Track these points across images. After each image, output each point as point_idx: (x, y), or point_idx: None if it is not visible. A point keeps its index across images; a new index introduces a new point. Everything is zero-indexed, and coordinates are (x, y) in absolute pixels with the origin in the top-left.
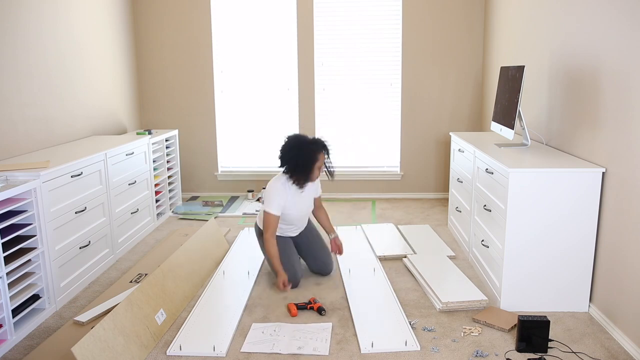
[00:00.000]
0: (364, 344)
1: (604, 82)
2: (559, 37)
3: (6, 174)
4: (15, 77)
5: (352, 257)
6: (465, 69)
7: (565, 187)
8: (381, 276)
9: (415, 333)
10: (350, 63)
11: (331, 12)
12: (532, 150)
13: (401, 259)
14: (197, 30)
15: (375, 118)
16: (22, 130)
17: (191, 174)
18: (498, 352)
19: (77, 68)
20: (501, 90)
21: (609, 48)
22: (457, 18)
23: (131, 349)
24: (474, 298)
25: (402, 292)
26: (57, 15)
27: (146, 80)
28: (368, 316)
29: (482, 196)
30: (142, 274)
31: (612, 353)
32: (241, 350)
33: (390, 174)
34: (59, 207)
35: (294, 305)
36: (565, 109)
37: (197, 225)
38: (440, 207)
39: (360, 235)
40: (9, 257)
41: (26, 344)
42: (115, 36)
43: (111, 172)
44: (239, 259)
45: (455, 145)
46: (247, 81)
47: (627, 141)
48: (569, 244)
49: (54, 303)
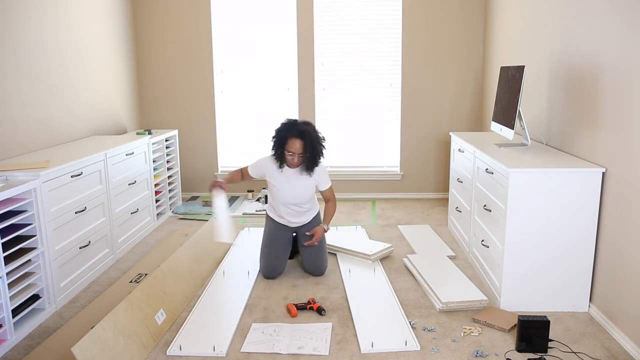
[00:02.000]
0: (364, 344)
1: (604, 82)
2: (559, 37)
3: (6, 174)
4: (15, 77)
5: (352, 258)
6: (465, 69)
7: (565, 187)
8: (381, 276)
9: (415, 333)
10: (350, 63)
11: (331, 12)
12: (532, 150)
13: (401, 259)
14: (197, 30)
15: (375, 118)
16: (22, 130)
17: (191, 174)
18: (498, 352)
19: (77, 68)
20: (501, 90)
21: (609, 48)
22: (457, 18)
23: (131, 349)
24: (474, 298)
25: (403, 292)
26: (57, 15)
27: (146, 80)
28: (368, 316)
29: (482, 196)
30: (142, 274)
31: (612, 353)
32: (241, 350)
33: (390, 174)
34: (58, 207)
35: (293, 305)
36: (565, 109)
37: (197, 225)
38: (440, 207)
39: (362, 235)
40: (9, 257)
41: (26, 344)
42: (115, 36)
43: (111, 172)
44: (239, 259)
45: (455, 145)
46: (247, 81)
47: (627, 141)
48: (569, 244)
49: (54, 303)
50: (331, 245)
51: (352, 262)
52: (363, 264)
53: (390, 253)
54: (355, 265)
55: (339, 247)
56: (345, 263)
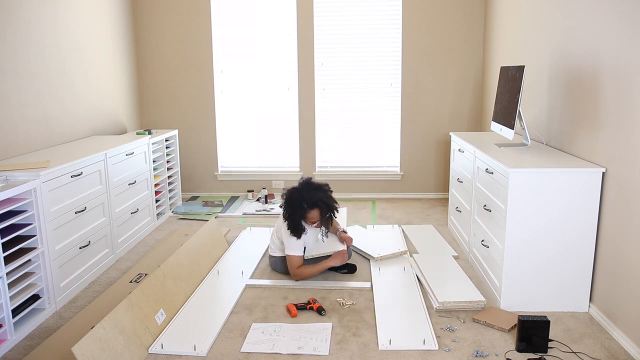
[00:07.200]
0: (382, 341)
1: (604, 82)
2: (559, 37)
3: (6, 174)
4: (15, 77)
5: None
6: (465, 69)
7: (565, 187)
8: (410, 275)
9: (434, 333)
10: (351, 63)
11: (331, 12)
12: (532, 150)
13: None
14: (197, 30)
15: (375, 118)
16: (22, 130)
17: (191, 174)
18: (498, 352)
19: (77, 68)
20: (501, 90)
21: (609, 48)
22: (457, 18)
23: (131, 349)
24: (472, 299)
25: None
26: (57, 15)
27: (146, 80)
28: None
29: (482, 196)
30: (142, 274)
31: (612, 353)
32: (241, 350)
33: (390, 174)
34: (59, 207)
35: (293, 305)
36: (565, 108)
37: (197, 225)
38: (440, 207)
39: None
40: (9, 257)
41: (26, 344)
42: (115, 36)
43: (111, 172)
44: (236, 259)
45: (455, 145)
46: (247, 81)
47: (627, 141)
48: (569, 244)
49: (53, 303)
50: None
51: (382, 262)
52: (393, 262)
53: (402, 254)
54: (385, 265)
55: (353, 245)
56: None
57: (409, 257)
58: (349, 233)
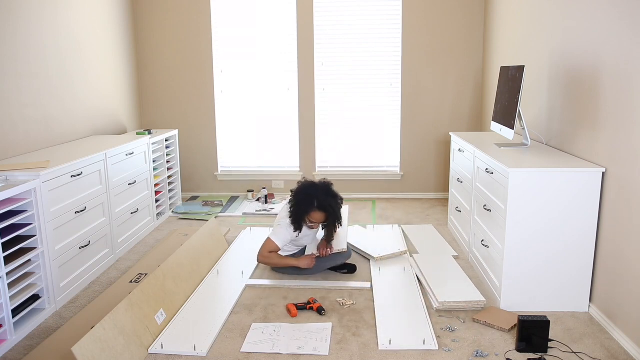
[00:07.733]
0: (382, 341)
1: (604, 82)
2: (559, 37)
3: (6, 174)
4: (15, 77)
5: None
6: (465, 69)
7: (565, 187)
8: (410, 275)
9: (434, 333)
10: (351, 63)
11: (331, 12)
12: (532, 150)
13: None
14: (197, 30)
15: (375, 118)
16: (22, 130)
17: (191, 174)
18: (498, 352)
19: (77, 68)
20: (501, 90)
21: (609, 48)
22: (457, 18)
23: (131, 349)
24: (472, 299)
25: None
26: (57, 15)
27: (146, 80)
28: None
29: (482, 196)
30: (142, 274)
31: (612, 353)
32: (241, 350)
33: (390, 174)
34: (58, 207)
35: (293, 305)
36: (565, 108)
37: (197, 225)
38: (440, 207)
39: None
40: (9, 257)
41: (26, 344)
42: (115, 36)
43: (111, 172)
44: (236, 259)
45: (455, 145)
46: (247, 81)
47: (627, 141)
48: (569, 244)
49: (53, 303)
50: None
51: (382, 261)
52: (394, 262)
53: (402, 254)
54: (385, 265)
55: (353, 245)
56: (376, 262)
57: (409, 257)
58: (348, 233)
